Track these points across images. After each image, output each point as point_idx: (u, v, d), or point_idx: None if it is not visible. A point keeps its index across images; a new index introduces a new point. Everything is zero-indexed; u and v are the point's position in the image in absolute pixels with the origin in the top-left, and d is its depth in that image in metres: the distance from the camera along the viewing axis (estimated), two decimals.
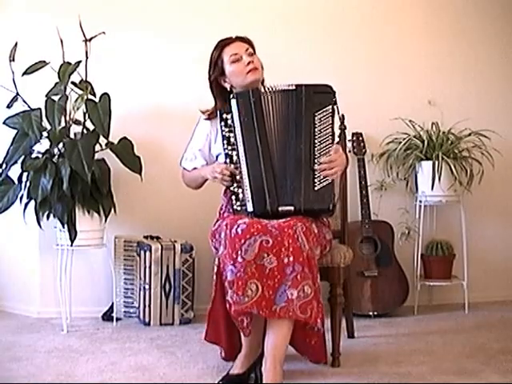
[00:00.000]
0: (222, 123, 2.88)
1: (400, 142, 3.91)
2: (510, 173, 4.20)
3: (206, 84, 3.68)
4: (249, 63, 2.99)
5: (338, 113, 2.88)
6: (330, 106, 2.85)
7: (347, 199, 3.39)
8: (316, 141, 2.83)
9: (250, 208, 2.80)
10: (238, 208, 2.84)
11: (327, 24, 4.02)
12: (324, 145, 2.84)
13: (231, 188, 2.86)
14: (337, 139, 3.21)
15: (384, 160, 4.01)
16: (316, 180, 2.81)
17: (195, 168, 3.12)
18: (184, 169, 3.18)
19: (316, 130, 2.83)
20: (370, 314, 3.82)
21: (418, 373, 2.89)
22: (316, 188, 2.80)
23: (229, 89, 3.05)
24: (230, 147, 2.86)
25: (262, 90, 2.90)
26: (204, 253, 3.74)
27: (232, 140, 2.85)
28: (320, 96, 2.86)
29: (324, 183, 2.81)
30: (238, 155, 2.84)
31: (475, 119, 4.02)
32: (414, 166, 3.94)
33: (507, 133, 4.10)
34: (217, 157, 3.08)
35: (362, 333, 3.49)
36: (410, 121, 3.95)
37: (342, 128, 3.34)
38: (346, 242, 3.31)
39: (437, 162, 3.80)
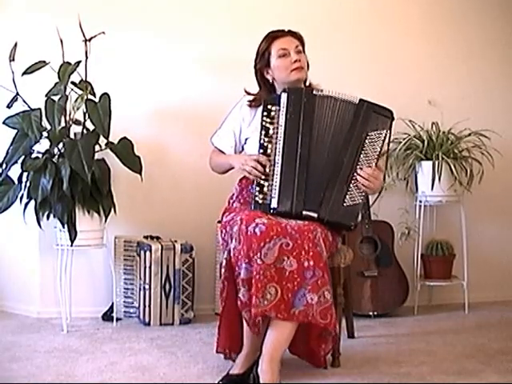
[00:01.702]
0: (265, 113, 2.84)
1: (400, 142, 3.91)
2: (510, 173, 4.20)
3: (205, 84, 3.70)
4: (295, 61, 2.98)
5: (390, 140, 2.85)
6: (385, 131, 2.83)
7: None
8: (360, 159, 2.81)
9: (274, 204, 2.78)
10: (260, 201, 2.80)
11: (326, 24, 4.01)
12: (366, 166, 2.82)
13: (257, 180, 2.83)
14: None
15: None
16: (347, 196, 2.80)
17: (222, 152, 3.11)
18: (215, 147, 3.14)
19: (364, 148, 2.80)
20: (370, 313, 3.82)
21: (418, 373, 2.89)
22: (345, 204, 2.79)
23: (271, 81, 3.03)
24: (266, 138, 2.83)
25: (315, 92, 2.87)
26: (204, 253, 3.75)
27: (271, 132, 2.82)
28: (379, 118, 2.84)
29: (354, 202, 2.80)
30: (273, 148, 2.81)
31: (475, 119, 4.01)
32: (414, 166, 3.94)
33: (507, 133, 4.09)
34: (246, 140, 3.06)
35: (362, 333, 3.49)
36: (410, 121, 3.95)
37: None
38: (346, 242, 3.30)
39: (437, 162, 3.80)
